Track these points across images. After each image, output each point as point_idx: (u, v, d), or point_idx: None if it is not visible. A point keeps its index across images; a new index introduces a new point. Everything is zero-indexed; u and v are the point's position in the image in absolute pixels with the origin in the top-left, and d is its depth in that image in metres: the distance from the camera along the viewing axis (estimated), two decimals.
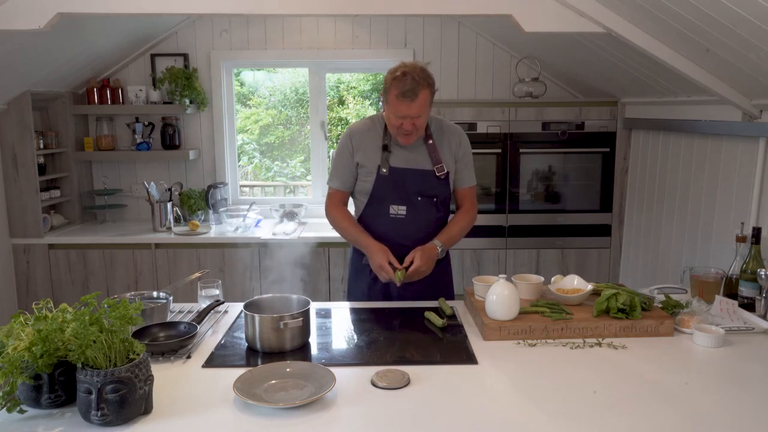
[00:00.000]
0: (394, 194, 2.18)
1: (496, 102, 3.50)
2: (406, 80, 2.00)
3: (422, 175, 2.18)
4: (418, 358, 1.67)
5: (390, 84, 2.04)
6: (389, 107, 2.07)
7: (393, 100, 2.03)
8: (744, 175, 2.53)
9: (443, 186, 2.22)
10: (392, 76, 2.04)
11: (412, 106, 2.02)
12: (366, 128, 2.22)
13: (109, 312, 1.33)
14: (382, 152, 2.18)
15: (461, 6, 2.37)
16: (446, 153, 2.22)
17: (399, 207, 2.19)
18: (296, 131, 4.62)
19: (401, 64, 2.07)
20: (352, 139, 2.21)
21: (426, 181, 2.19)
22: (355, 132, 2.23)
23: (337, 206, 2.26)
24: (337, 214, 2.26)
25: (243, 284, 3.57)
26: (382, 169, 2.16)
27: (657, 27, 2.26)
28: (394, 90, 2.02)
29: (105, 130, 3.92)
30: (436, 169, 2.18)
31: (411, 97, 2.00)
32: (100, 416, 1.25)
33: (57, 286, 3.57)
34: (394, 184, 2.17)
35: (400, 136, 2.12)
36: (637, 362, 1.62)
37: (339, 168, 2.24)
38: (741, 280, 2.05)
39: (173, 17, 3.70)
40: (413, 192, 2.18)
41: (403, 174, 2.17)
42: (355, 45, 3.95)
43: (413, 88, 1.99)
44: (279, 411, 1.35)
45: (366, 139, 2.20)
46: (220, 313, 2.03)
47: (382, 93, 2.13)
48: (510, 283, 1.82)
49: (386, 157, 2.17)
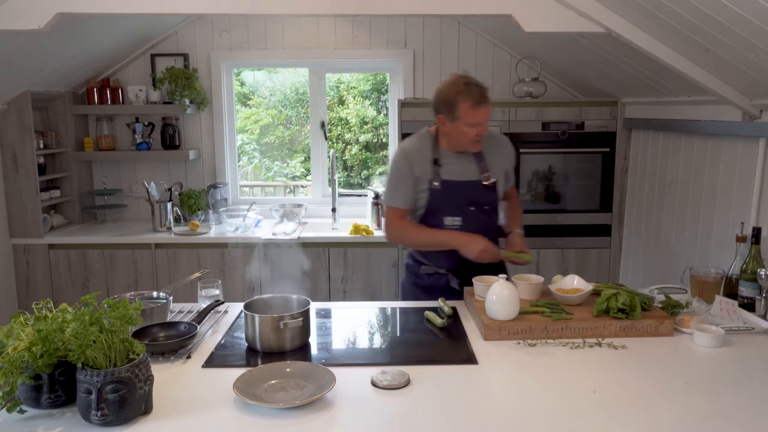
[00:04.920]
0: (448, 206, 2.24)
1: (496, 102, 3.49)
2: (472, 89, 2.10)
3: (472, 185, 2.26)
4: (418, 358, 1.67)
5: (456, 97, 2.11)
6: (461, 120, 2.12)
7: (467, 110, 2.10)
8: (744, 175, 2.53)
9: (492, 194, 2.29)
10: (455, 89, 2.12)
11: (487, 111, 2.13)
12: (417, 146, 2.28)
13: (109, 312, 1.33)
14: (433, 166, 2.23)
15: (461, 6, 2.37)
16: (494, 162, 2.29)
17: (454, 218, 2.25)
18: (296, 131, 4.62)
19: (454, 77, 2.16)
20: (408, 157, 2.25)
21: (476, 191, 2.26)
22: (408, 151, 2.27)
23: (400, 220, 2.28)
24: (404, 225, 2.27)
25: (243, 284, 3.57)
26: (434, 183, 2.22)
27: (657, 27, 2.26)
28: (464, 102, 2.10)
29: (105, 130, 3.92)
30: (483, 178, 2.25)
31: (484, 103, 2.12)
32: (100, 416, 1.25)
33: (57, 286, 3.57)
34: (447, 196, 2.23)
35: (473, 144, 2.20)
36: (637, 362, 1.62)
37: (399, 187, 2.26)
38: (741, 280, 2.05)
39: (173, 17, 3.70)
40: (465, 203, 2.25)
41: (454, 186, 2.23)
42: (355, 45, 3.95)
43: (483, 93, 2.11)
44: (279, 411, 1.35)
45: (419, 156, 2.25)
46: (220, 313, 2.03)
47: (443, 110, 2.16)
48: (510, 283, 1.82)
49: (437, 171, 2.23)
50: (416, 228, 2.26)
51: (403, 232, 2.28)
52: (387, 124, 4.30)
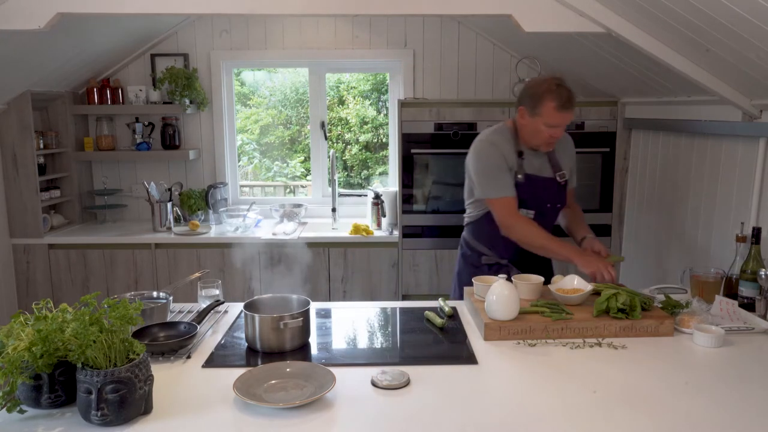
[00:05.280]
0: (528, 200, 2.26)
1: (496, 102, 3.49)
2: (562, 92, 2.09)
3: (549, 182, 2.29)
4: (418, 358, 1.67)
5: (543, 95, 2.11)
6: (541, 118, 2.13)
7: (549, 110, 2.10)
8: (744, 175, 2.53)
9: (563, 192, 2.32)
10: (545, 87, 2.11)
11: (568, 117, 2.13)
12: (501, 139, 2.28)
13: (109, 312, 1.33)
14: (518, 159, 2.25)
15: (461, 6, 2.37)
16: (564, 160, 2.32)
17: (528, 211, 2.26)
18: (296, 131, 4.62)
19: (548, 77, 2.15)
20: (499, 148, 2.25)
21: (552, 188, 2.29)
22: (496, 142, 2.27)
23: (518, 215, 2.23)
24: (525, 224, 2.22)
25: (243, 284, 3.58)
26: (518, 176, 2.23)
27: (657, 27, 2.26)
28: (550, 102, 2.10)
29: (105, 130, 3.92)
30: (558, 177, 2.29)
31: (569, 108, 2.11)
32: (100, 416, 1.25)
33: (57, 286, 3.57)
34: (528, 190, 2.25)
35: (545, 144, 2.20)
36: (637, 362, 1.62)
37: (502, 176, 2.24)
38: (741, 280, 2.05)
39: (173, 17, 3.70)
40: (543, 198, 2.27)
41: (535, 181, 2.26)
42: (355, 45, 3.95)
43: (570, 99, 2.10)
44: (279, 411, 1.35)
45: (506, 147, 2.26)
46: (220, 313, 2.03)
47: (526, 103, 2.16)
48: (510, 283, 1.82)
49: (521, 164, 2.25)
50: (537, 228, 2.19)
51: (523, 229, 2.20)
52: (387, 124, 4.30)
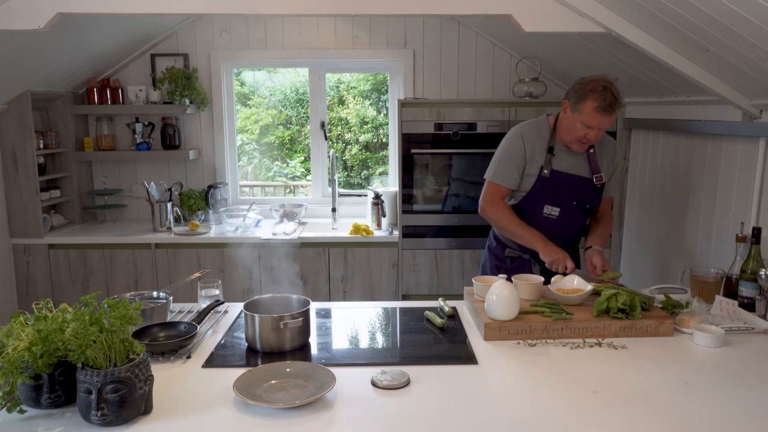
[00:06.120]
0: (551, 196, 2.26)
1: (496, 102, 3.49)
2: (606, 95, 2.08)
3: (581, 181, 2.28)
4: (418, 358, 1.67)
5: (587, 94, 2.11)
6: (580, 116, 2.13)
7: (589, 111, 2.10)
8: (744, 175, 2.53)
9: (598, 194, 2.32)
10: (591, 87, 2.11)
11: (607, 121, 2.12)
12: (535, 130, 2.29)
13: (109, 312, 1.33)
14: (547, 154, 2.25)
15: (461, 6, 2.37)
16: (604, 163, 2.32)
17: (553, 208, 2.27)
18: (296, 131, 4.62)
19: (599, 77, 2.13)
20: (525, 140, 2.26)
21: (584, 188, 2.29)
22: (526, 134, 2.28)
23: (500, 201, 2.30)
24: (501, 207, 2.29)
25: (243, 284, 3.58)
26: (544, 171, 2.24)
27: (657, 27, 2.26)
28: (592, 102, 2.09)
29: (105, 130, 3.92)
30: (595, 178, 2.29)
31: (610, 112, 2.10)
32: (100, 416, 1.25)
33: (57, 286, 3.57)
34: (553, 186, 2.26)
35: (577, 142, 2.20)
36: (637, 362, 1.62)
37: (508, 166, 2.27)
38: (741, 280, 2.05)
39: (173, 17, 3.70)
40: (570, 196, 2.27)
41: (563, 178, 2.25)
42: (355, 45, 3.95)
43: (613, 104, 2.09)
44: (279, 411, 1.35)
45: (535, 140, 2.26)
46: (220, 313, 2.03)
47: (571, 97, 2.17)
48: (510, 283, 1.82)
49: (550, 160, 2.25)
50: (510, 214, 2.27)
51: (496, 213, 2.29)
52: (387, 124, 4.30)
